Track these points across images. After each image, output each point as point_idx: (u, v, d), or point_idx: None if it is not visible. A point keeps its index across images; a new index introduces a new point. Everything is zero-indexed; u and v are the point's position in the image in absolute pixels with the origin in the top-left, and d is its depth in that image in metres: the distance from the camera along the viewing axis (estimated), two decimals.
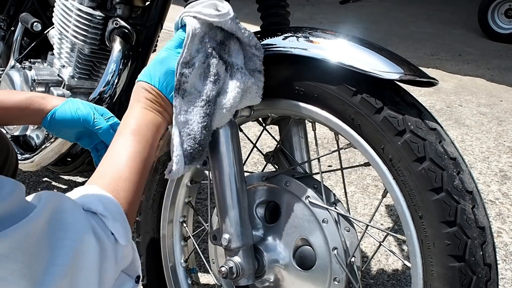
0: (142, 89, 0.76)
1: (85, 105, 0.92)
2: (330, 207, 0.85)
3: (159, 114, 0.75)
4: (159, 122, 0.75)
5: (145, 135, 0.71)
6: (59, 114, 0.90)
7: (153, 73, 0.76)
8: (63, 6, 1.29)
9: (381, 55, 0.76)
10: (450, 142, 0.73)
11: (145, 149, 0.70)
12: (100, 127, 0.90)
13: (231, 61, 0.79)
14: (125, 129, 0.72)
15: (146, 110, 0.74)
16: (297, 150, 1.00)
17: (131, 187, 0.66)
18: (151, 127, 0.73)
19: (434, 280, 0.71)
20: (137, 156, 0.69)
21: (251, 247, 0.89)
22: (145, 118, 0.73)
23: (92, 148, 0.96)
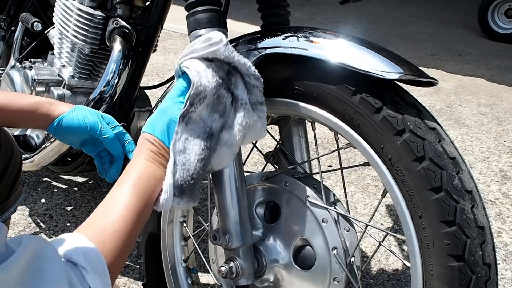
0: (145, 140, 0.75)
1: (93, 113, 0.92)
2: (330, 207, 0.85)
3: (161, 167, 0.74)
4: (161, 175, 0.74)
5: (144, 188, 0.70)
6: (66, 121, 0.90)
7: (155, 124, 0.75)
8: (64, 6, 1.29)
9: (381, 55, 0.76)
10: (449, 141, 0.73)
11: (142, 202, 0.69)
12: (106, 136, 0.90)
13: (237, 94, 0.77)
14: (126, 179, 0.71)
15: (149, 162, 0.73)
16: (297, 150, 1.00)
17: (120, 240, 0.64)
18: (152, 180, 0.72)
19: (434, 279, 0.71)
20: (132, 209, 0.67)
21: (251, 247, 0.89)
22: (147, 170, 0.72)
23: (95, 155, 0.96)
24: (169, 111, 0.75)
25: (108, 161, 0.95)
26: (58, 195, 1.82)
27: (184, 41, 4.02)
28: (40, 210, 1.73)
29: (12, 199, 1.02)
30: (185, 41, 4.02)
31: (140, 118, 1.44)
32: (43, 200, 1.79)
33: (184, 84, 0.77)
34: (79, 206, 1.77)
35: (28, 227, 1.63)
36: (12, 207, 1.02)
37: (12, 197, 1.02)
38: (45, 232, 1.61)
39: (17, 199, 1.04)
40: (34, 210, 1.72)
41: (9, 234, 1.58)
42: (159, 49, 3.75)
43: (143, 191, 0.70)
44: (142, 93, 1.48)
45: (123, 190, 0.69)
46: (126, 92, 1.27)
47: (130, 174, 0.72)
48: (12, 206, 1.02)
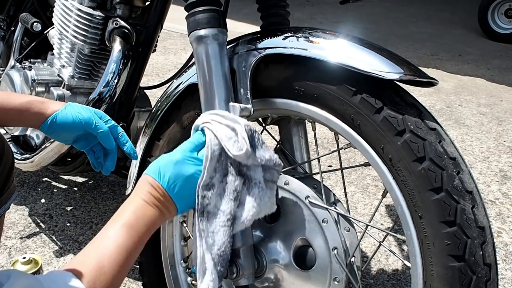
0: (148, 184, 0.74)
1: (85, 109, 0.92)
2: (330, 207, 0.85)
3: (159, 211, 0.74)
4: (157, 218, 0.73)
5: (139, 231, 0.70)
6: (60, 119, 0.90)
7: (163, 172, 0.74)
8: (63, 6, 1.29)
9: (381, 55, 0.76)
10: (449, 142, 0.73)
11: (134, 244, 0.69)
12: (101, 130, 0.91)
13: (250, 174, 0.77)
14: (121, 218, 0.71)
15: (147, 205, 0.73)
16: (297, 150, 1.00)
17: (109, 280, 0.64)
18: (148, 223, 0.72)
19: (434, 280, 0.71)
20: (124, 250, 0.67)
21: (251, 247, 0.89)
22: (143, 212, 0.72)
23: (88, 150, 0.97)
24: (180, 165, 0.74)
25: (102, 154, 0.96)
26: (58, 195, 1.82)
27: (184, 41, 4.02)
28: (40, 210, 1.73)
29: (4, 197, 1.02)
30: (185, 41, 4.02)
31: (140, 118, 1.44)
32: (43, 200, 1.79)
33: (201, 140, 0.76)
34: (79, 206, 1.76)
35: (28, 227, 1.63)
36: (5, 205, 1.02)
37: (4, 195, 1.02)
38: (45, 232, 1.61)
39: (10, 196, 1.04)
40: (34, 210, 1.72)
41: (9, 234, 1.59)
42: (159, 49, 3.75)
43: (137, 233, 0.70)
44: (142, 93, 1.48)
45: (117, 230, 0.69)
46: (126, 92, 1.27)
47: (127, 213, 0.71)
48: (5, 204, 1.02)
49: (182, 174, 0.74)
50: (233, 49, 0.89)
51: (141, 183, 0.75)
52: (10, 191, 1.04)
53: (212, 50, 0.85)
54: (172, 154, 0.76)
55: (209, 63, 0.85)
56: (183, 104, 1.00)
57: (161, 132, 1.04)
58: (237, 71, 0.88)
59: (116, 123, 0.95)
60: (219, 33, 0.85)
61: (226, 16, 0.90)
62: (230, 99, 0.84)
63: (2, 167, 1.00)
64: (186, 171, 0.74)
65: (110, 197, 1.83)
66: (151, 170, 0.75)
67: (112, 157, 0.95)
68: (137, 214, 0.71)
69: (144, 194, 0.73)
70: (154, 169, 0.75)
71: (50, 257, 1.50)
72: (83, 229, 1.63)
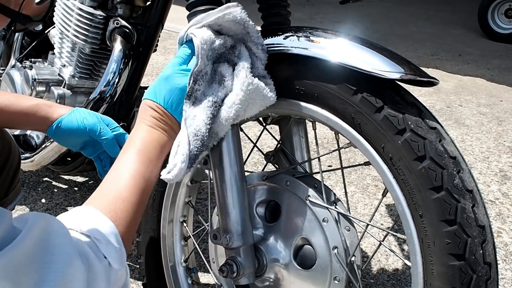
0: (147, 107, 0.75)
1: (92, 115, 0.92)
2: (330, 206, 0.85)
3: (165, 133, 0.75)
4: (165, 140, 0.74)
5: (150, 155, 0.71)
6: (65, 124, 0.90)
7: (158, 91, 0.75)
8: (64, 6, 1.29)
9: (381, 54, 0.76)
10: (450, 141, 0.73)
11: (148, 169, 0.70)
12: (106, 137, 0.91)
13: (239, 62, 0.79)
14: (130, 148, 0.71)
15: (152, 129, 0.74)
16: (297, 149, 1.00)
17: (130, 207, 0.65)
18: (157, 146, 0.73)
19: (434, 279, 0.71)
20: (139, 176, 0.68)
21: (252, 246, 0.89)
22: (150, 137, 0.73)
23: (95, 157, 0.96)
24: (172, 79, 0.75)
25: (109, 162, 0.96)
26: (58, 195, 1.82)
27: None
28: (40, 210, 1.73)
29: (10, 197, 1.02)
30: None
31: None
32: (43, 200, 1.79)
33: (187, 52, 0.77)
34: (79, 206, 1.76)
35: None
36: (10, 205, 1.03)
37: (10, 195, 1.02)
38: None
39: (15, 197, 1.04)
40: (34, 210, 1.72)
41: None
42: (159, 49, 3.75)
43: (149, 158, 0.70)
44: (142, 93, 1.48)
45: (129, 159, 0.69)
46: (126, 92, 1.27)
47: (135, 142, 0.72)
48: (10, 204, 1.03)
49: (175, 87, 0.75)
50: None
51: (142, 109, 0.76)
52: (16, 191, 1.04)
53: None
54: (163, 72, 0.77)
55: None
56: None
57: None
58: None
59: (122, 130, 0.95)
60: None
61: None
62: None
63: (9, 167, 1.01)
64: (179, 83, 0.75)
65: None
66: (147, 94, 0.76)
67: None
68: (143, 139, 0.72)
69: (146, 119, 0.74)
70: (150, 91, 0.76)
71: None
72: None
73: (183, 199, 1.09)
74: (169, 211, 1.08)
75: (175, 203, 1.09)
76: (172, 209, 1.09)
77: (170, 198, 1.07)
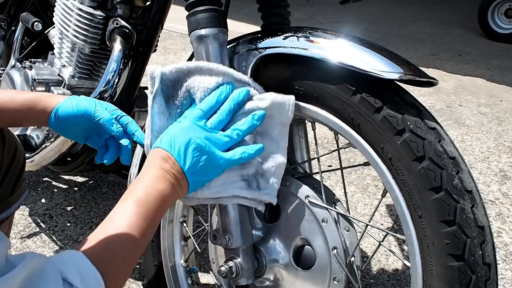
0: (158, 156, 0.71)
1: (88, 100, 0.89)
2: (329, 206, 0.85)
3: (171, 186, 0.70)
4: (169, 194, 0.70)
5: (150, 208, 0.67)
6: (61, 111, 0.87)
7: (173, 141, 0.72)
8: (64, 6, 1.29)
9: (381, 55, 0.76)
10: (449, 141, 0.73)
11: (146, 223, 0.66)
12: (101, 117, 0.87)
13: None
14: (131, 196, 0.68)
15: (158, 180, 0.69)
16: (297, 149, 1.00)
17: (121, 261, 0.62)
18: (159, 198, 0.68)
19: (434, 279, 0.71)
20: (135, 229, 0.64)
21: (251, 246, 0.89)
22: (154, 188, 0.69)
23: (100, 147, 0.93)
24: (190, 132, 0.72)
25: (115, 151, 0.92)
26: (58, 195, 1.82)
27: (184, 41, 4.02)
28: (40, 210, 1.73)
29: (16, 195, 1.02)
30: (185, 41, 4.02)
31: (140, 118, 1.44)
32: (43, 200, 1.79)
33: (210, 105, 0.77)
34: (79, 206, 1.77)
35: (28, 227, 1.63)
36: (16, 203, 1.03)
37: (16, 193, 1.02)
38: (45, 232, 1.61)
39: (20, 195, 1.05)
40: (34, 210, 1.72)
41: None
42: (159, 49, 3.75)
43: (148, 211, 0.66)
44: (142, 93, 1.48)
45: (127, 209, 0.66)
46: (126, 92, 1.27)
47: (137, 190, 0.68)
48: (16, 202, 1.03)
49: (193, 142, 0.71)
50: (233, 48, 0.90)
51: (152, 157, 0.73)
52: (21, 190, 1.05)
53: (212, 49, 0.85)
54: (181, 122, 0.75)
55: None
56: None
57: None
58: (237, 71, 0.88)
59: (123, 112, 0.91)
60: (220, 32, 0.85)
61: (226, 16, 0.90)
62: None
63: (14, 167, 1.01)
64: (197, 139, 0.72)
65: (110, 197, 1.83)
66: (161, 142, 0.73)
67: (124, 150, 0.90)
68: (147, 190, 0.68)
69: (154, 168, 0.71)
70: (164, 140, 0.73)
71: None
72: (83, 229, 1.63)
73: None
74: (169, 211, 1.08)
75: (175, 203, 1.09)
76: (172, 209, 1.09)
77: None
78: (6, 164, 0.98)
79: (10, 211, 1.01)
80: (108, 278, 0.58)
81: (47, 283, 0.52)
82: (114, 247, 0.62)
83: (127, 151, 0.90)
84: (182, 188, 0.73)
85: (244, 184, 0.81)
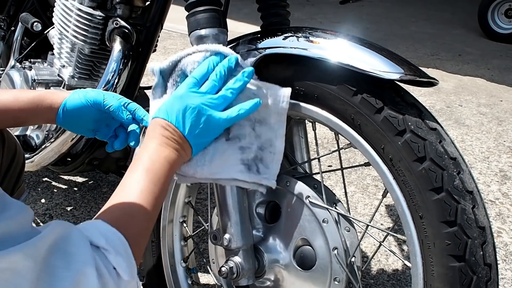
0: (157, 125, 0.74)
1: (94, 90, 0.90)
2: (330, 207, 0.85)
3: (174, 151, 0.73)
4: (174, 159, 0.73)
5: (158, 173, 0.70)
6: (70, 104, 0.87)
7: (170, 109, 0.74)
8: (63, 6, 1.29)
9: (381, 55, 0.76)
10: (450, 142, 0.73)
11: (157, 187, 0.69)
12: (111, 105, 0.87)
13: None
14: (138, 165, 0.70)
15: (161, 147, 0.72)
16: (297, 150, 1.00)
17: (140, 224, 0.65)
18: (165, 164, 0.71)
19: (435, 280, 0.71)
20: (148, 194, 0.67)
21: (251, 247, 0.89)
22: (159, 155, 0.71)
23: (110, 137, 0.93)
24: (185, 99, 0.75)
25: (124, 138, 0.92)
26: (58, 195, 1.82)
27: (184, 41, 4.02)
28: (40, 210, 1.73)
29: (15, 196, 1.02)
30: (185, 41, 4.02)
31: None
32: (43, 200, 1.79)
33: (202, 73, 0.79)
34: (79, 206, 1.76)
35: None
36: None
37: (15, 195, 1.02)
38: None
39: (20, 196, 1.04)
40: (34, 210, 1.72)
41: None
42: (159, 49, 3.74)
43: (157, 176, 0.69)
44: (142, 93, 1.48)
45: (137, 176, 0.69)
46: (126, 92, 1.27)
47: (143, 159, 0.71)
48: None
49: (188, 107, 0.74)
50: (233, 49, 0.89)
51: (151, 127, 0.75)
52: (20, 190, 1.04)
53: None
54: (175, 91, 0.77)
55: None
56: None
57: None
58: None
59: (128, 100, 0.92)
60: (219, 33, 0.85)
61: (226, 16, 0.90)
62: None
63: (14, 168, 1.01)
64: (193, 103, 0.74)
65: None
66: (158, 112, 0.75)
67: (133, 134, 0.91)
68: (152, 157, 0.71)
69: (156, 137, 0.73)
70: (161, 110, 0.75)
71: None
72: None
73: (182, 199, 1.09)
74: (169, 211, 1.08)
75: (175, 203, 1.09)
76: (172, 209, 1.09)
77: (170, 198, 1.07)
78: (5, 165, 0.97)
79: None
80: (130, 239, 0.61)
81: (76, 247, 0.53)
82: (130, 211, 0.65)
83: (136, 135, 0.92)
84: (186, 151, 0.75)
85: (244, 168, 0.82)
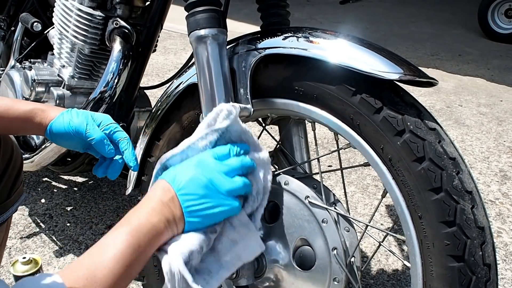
0: (159, 188, 0.69)
1: (80, 115, 0.87)
2: (329, 207, 0.85)
3: (165, 221, 0.67)
4: (162, 227, 0.66)
5: (140, 239, 0.64)
6: (54, 127, 0.87)
7: (178, 174, 0.69)
8: (63, 6, 1.29)
9: (380, 55, 0.76)
10: (449, 142, 0.73)
11: (133, 255, 0.62)
12: (92, 138, 0.85)
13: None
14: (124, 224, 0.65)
15: (153, 211, 0.66)
16: (297, 150, 1.00)
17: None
18: (152, 232, 0.65)
19: (434, 280, 0.71)
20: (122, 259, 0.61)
21: None
22: (149, 219, 0.66)
23: (102, 156, 0.91)
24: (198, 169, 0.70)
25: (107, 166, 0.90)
26: (58, 195, 1.82)
27: (184, 41, 4.02)
28: (40, 210, 1.73)
29: (13, 198, 1.02)
30: (185, 41, 4.02)
31: (140, 118, 1.44)
32: (43, 200, 1.79)
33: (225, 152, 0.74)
34: (79, 206, 1.77)
35: (28, 227, 1.63)
36: (13, 206, 1.02)
37: (13, 196, 1.02)
38: (45, 232, 1.61)
39: (18, 198, 1.04)
40: (34, 210, 1.72)
41: (9, 234, 1.58)
42: (159, 49, 3.75)
43: (138, 242, 0.64)
44: (142, 93, 1.48)
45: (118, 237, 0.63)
46: (126, 92, 1.27)
47: (130, 219, 0.66)
48: (13, 205, 1.02)
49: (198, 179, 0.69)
50: (233, 49, 0.89)
51: (154, 186, 0.71)
52: (18, 192, 1.04)
53: (212, 50, 0.85)
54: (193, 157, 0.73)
55: (209, 63, 0.85)
56: (183, 104, 1.00)
57: (161, 132, 1.04)
58: (237, 71, 0.88)
59: (118, 127, 0.90)
60: (219, 33, 0.85)
61: (226, 16, 0.90)
62: (230, 99, 0.84)
63: (11, 170, 1.00)
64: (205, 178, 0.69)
65: (110, 197, 1.83)
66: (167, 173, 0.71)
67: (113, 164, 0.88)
68: (141, 220, 0.65)
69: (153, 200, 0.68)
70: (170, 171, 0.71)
71: (50, 257, 1.50)
72: (83, 229, 1.63)
73: None
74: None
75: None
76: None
77: None
78: (1, 167, 0.97)
79: (7, 215, 1.00)
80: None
81: None
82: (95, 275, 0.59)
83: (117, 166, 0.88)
84: (178, 225, 0.68)
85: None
